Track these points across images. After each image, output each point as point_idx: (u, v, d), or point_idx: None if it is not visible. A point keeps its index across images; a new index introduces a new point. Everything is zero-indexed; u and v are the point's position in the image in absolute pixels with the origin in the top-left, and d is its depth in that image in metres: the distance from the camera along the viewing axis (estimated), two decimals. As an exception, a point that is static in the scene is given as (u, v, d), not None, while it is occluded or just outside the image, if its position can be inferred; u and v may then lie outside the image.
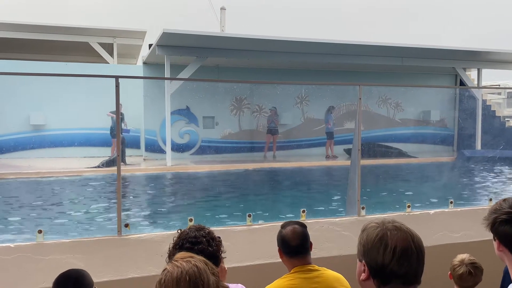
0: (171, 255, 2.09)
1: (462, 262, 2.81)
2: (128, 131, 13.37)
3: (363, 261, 1.47)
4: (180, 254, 1.54)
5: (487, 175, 12.21)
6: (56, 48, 17.70)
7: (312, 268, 2.47)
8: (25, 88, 13.93)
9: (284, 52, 13.91)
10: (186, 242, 2.06)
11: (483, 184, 10.93)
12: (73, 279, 2.10)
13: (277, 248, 2.58)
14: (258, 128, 15.84)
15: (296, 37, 13.15)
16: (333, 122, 15.54)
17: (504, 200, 1.97)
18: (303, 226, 2.59)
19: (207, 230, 2.15)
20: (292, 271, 2.48)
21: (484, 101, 17.26)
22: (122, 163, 11.88)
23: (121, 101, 3.75)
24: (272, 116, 15.51)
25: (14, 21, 15.86)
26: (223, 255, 2.15)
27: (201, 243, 2.07)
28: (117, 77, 3.66)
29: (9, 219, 7.06)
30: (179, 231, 2.16)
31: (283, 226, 2.60)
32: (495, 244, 1.82)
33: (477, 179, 11.91)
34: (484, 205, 4.99)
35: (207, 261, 1.53)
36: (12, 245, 3.24)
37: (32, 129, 14.45)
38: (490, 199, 5.07)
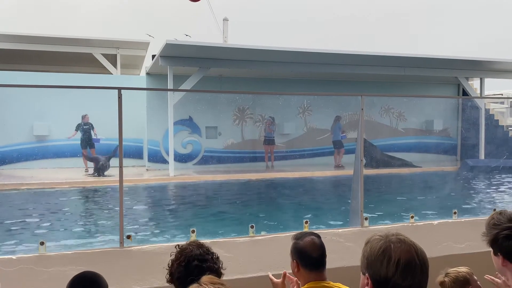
0: (174, 272, 2.08)
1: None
2: (98, 140, 13.47)
3: (367, 274, 1.46)
4: (208, 278, 1.52)
5: (490, 185, 12.15)
6: (60, 59, 17.82)
7: (327, 284, 2.37)
8: (29, 99, 14.01)
9: (286, 62, 13.96)
10: (193, 260, 2.05)
11: (487, 194, 10.88)
12: (89, 279, 2.11)
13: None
14: (261, 138, 15.85)
15: (299, 47, 13.21)
16: (341, 131, 15.47)
17: (500, 213, 1.95)
18: (319, 237, 2.49)
19: (206, 247, 2.15)
20: (305, 286, 2.37)
21: (487, 111, 17.24)
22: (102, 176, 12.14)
23: (124, 111, 3.75)
24: (268, 125, 15.48)
25: (18, 33, 16.00)
26: (222, 271, 2.15)
27: (208, 261, 2.07)
28: (119, 89, 3.67)
29: (12, 230, 7.06)
30: (177, 247, 2.15)
31: (298, 238, 2.47)
32: (496, 259, 1.80)
33: (480, 189, 11.85)
34: (489, 216, 4.95)
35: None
36: (14, 257, 3.23)
37: (36, 140, 14.49)
38: (494, 209, 5.03)
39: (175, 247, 2.16)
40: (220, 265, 2.14)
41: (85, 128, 13.52)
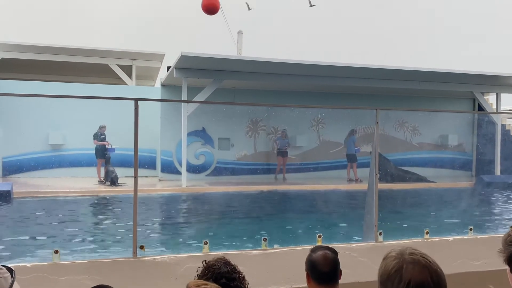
0: None
1: None
2: (113, 150, 13.62)
3: (381, 292, 1.44)
4: (193, 282, 1.52)
5: (507, 201, 11.94)
6: (76, 69, 18.10)
7: None
8: (44, 109, 14.23)
9: (300, 75, 13.99)
10: (221, 277, 2.03)
11: (503, 211, 10.69)
12: None
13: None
14: (274, 150, 15.85)
15: (313, 60, 13.24)
16: (355, 145, 15.34)
17: None
18: (335, 252, 2.50)
19: (233, 265, 2.13)
20: None
21: (503, 126, 17.03)
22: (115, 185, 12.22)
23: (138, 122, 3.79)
24: (282, 138, 15.47)
25: (35, 43, 16.29)
26: None
27: (235, 280, 2.06)
28: (136, 100, 3.72)
29: (26, 238, 7.12)
30: (204, 262, 2.14)
31: (313, 250, 2.51)
32: None
33: (497, 205, 11.66)
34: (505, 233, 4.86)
35: None
36: (28, 264, 3.26)
37: (51, 149, 14.68)
38: (511, 227, 4.94)
39: (202, 262, 2.14)
40: (246, 285, 2.11)
41: (102, 138, 13.67)
